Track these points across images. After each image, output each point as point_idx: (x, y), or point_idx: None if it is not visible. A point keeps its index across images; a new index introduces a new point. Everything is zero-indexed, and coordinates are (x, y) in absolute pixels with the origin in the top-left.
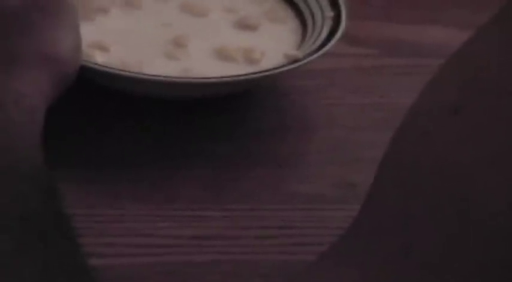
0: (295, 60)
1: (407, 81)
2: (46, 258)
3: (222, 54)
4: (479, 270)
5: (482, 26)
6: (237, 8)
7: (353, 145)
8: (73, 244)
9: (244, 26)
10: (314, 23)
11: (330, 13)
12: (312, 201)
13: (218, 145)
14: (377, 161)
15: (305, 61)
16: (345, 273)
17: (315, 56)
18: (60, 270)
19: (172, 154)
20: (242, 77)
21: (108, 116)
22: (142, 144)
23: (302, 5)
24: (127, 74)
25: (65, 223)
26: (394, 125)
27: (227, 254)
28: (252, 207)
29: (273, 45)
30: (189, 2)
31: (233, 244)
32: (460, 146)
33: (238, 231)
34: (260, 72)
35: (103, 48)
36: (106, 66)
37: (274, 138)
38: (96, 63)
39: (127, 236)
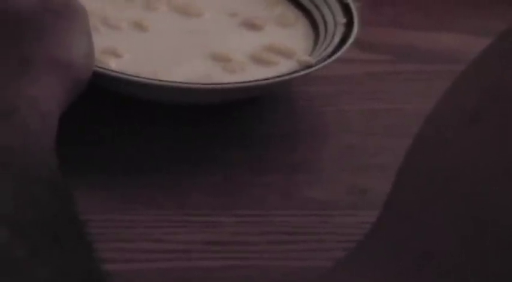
0: (308, 66)
1: (419, 87)
2: (61, 263)
3: (256, 58)
4: (497, 271)
5: (501, 33)
6: (244, 12)
7: (365, 151)
8: (88, 249)
9: (252, 27)
10: (326, 28)
11: (342, 19)
12: (323, 207)
13: (230, 151)
14: (389, 167)
15: (317, 67)
16: (361, 280)
17: (328, 61)
18: (74, 275)
19: (185, 160)
20: (254, 83)
21: (120, 121)
22: (154, 150)
23: (314, 11)
24: (143, 80)
25: (79, 228)
26: (406, 131)
27: (239, 259)
28: (264, 213)
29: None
30: (182, 4)
31: (245, 250)
32: (479, 154)
33: (250, 237)
34: (272, 78)
35: (117, 55)
36: (119, 72)
37: (285, 144)
38: (109, 69)
39: (138, 241)
